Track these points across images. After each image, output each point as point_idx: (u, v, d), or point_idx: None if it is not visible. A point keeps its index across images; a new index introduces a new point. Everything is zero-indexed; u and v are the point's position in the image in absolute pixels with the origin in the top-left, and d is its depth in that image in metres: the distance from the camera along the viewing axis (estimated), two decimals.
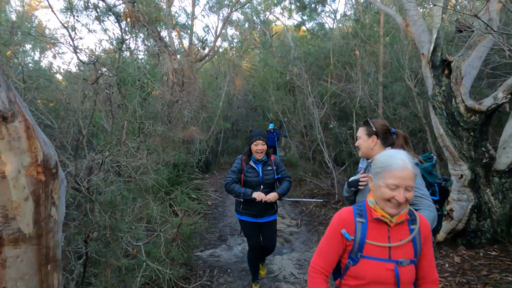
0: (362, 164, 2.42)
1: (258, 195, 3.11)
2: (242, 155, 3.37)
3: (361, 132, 2.14)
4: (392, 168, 1.30)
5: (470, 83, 4.09)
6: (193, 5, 10.96)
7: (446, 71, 4.11)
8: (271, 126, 12.28)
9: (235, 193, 3.19)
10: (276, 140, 12.17)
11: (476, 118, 3.86)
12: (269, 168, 3.33)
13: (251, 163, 3.28)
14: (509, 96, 3.60)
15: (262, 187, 3.26)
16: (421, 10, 7.06)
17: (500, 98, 3.66)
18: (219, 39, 12.48)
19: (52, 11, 3.29)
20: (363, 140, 2.10)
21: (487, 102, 3.76)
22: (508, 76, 3.84)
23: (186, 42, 11.30)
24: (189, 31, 10.77)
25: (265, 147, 3.25)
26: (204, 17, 36.96)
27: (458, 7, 6.82)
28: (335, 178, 6.83)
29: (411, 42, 5.82)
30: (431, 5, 4.47)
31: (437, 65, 4.15)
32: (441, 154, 5.27)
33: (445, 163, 4.92)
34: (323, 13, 12.46)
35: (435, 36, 4.15)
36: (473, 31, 4.06)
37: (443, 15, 4.55)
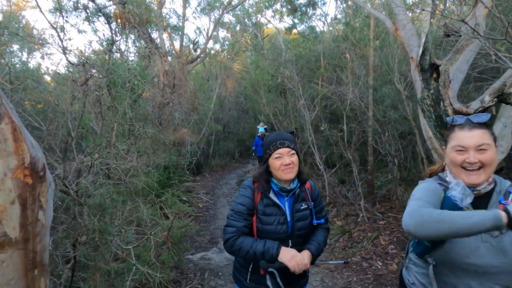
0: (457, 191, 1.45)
1: (295, 263, 1.67)
2: (252, 179, 1.91)
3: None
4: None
5: (458, 86, 4.16)
6: (184, 7, 10.93)
7: (435, 75, 4.18)
8: (261, 130, 9.56)
9: (250, 255, 1.71)
10: None
11: None
12: (304, 205, 1.90)
13: (272, 195, 1.84)
14: (495, 99, 3.67)
15: (290, 243, 1.84)
16: (410, 14, 7.18)
17: (487, 101, 3.72)
18: (211, 41, 12.48)
19: (41, 11, 3.24)
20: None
21: (474, 105, 3.82)
22: (494, 80, 3.92)
23: (177, 44, 11.26)
24: (180, 33, 10.74)
25: (296, 159, 1.86)
26: (195, 19, 36.83)
27: (446, 12, 6.94)
28: (326, 180, 6.87)
29: (400, 46, 5.89)
30: (420, 10, 4.55)
31: (425, 69, 4.21)
32: (430, 156, 5.34)
33: (434, 165, 4.99)
34: (314, 16, 12.56)
35: (423, 40, 4.21)
36: (460, 36, 4.14)
37: (432, 20, 4.63)
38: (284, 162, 1.80)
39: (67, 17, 7.08)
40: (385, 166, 7.30)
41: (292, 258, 1.68)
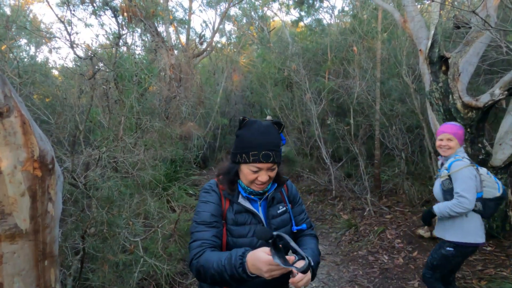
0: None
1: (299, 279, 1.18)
2: (215, 180, 1.57)
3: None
4: None
5: (467, 79, 4.10)
6: (191, 0, 10.88)
7: (444, 68, 4.12)
8: None
9: (214, 278, 1.24)
10: None
11: (473, 114, 3.88)
12: (281, 208, 1.56)
13: (242, 200, 1.49)
14: (506, 92, 3.61)
15: None
16: (419, 6, 7.05)
17: (497, 95, 3.67)
18: (217, 34, 12.44)
19: (48, 5, 3.26)
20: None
21: (484, 99, 3.77)
22: (505, 72, 3.85)
23: (183, 38, 11.24)
24: (186, 26, 10.71)
25: (275, 172, 1.47)
26: (201, 12, 36.62)
27: (456, 3, 6.81)
28: (332, 174, 6.85)
29: (408, 38, 5.81)
30: (429, 1, 4.47)
31: (434, 62, 4.15)
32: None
33: None
34: (321, 8, 12.41)
35: (432, 32, 4.15)
36: (470, 28, 4.06)
37: (441, 11, 4.55)
38: (260, 179, 1.41)
39: (74, 10, 7.10)
40: (392, 160, 7.25)
41: (265, 264, 1.08)
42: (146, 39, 9.05)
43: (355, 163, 7.33)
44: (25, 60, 6.97)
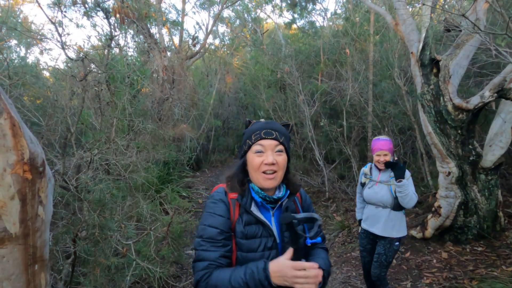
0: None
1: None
2: (224, 188, 1.43)
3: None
4: None
5: (457, 81, 4.16)
6: (183, 2, 10.86)
7: (435, 70, 4.17)
8: None
9: None
10: None
11: (463, 116, 3.93)
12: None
13: (254, 208, 1.36)
14: (495, 94, 3.67)
15: None
16: (410, 9, 7.14)
17: (487, 97, 3.72)
18: (210, 36, 12.42)
19: (39, 5, 3.22)
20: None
21: (474, 101, 3.82)
22: (494, 75, 3.91)
23: (176, 39, 11.21)
24: (179, 28, 10.69)
25: (284, 160, 1.38)
26: (194, 13, 36.67)
27: (446, 6, 6.91)
28: (325, 176, 6.88)
29: (400, 41, 5.88)
30: (420, 4, 4.52)
31: (425, 64, 4.20)
32: (429, 151, 5.35)
33: (433, 160, 5.00)
34: (313, 11, 12.49)
35: (423, 35, 4.20)
36: (460, 31, 4.12)
37: (432, 15, 4.61)
38: (266, 160, 1.32)
39: (65, 11, 7.04)
40: None
41: (290, 268, 1.12)
42: (139, 41, 9.00)
43: (348, 164, 7.37)
44: (16, 61, 6.88)
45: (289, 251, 1.16)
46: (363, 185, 3.03)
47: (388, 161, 2.76)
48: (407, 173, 2.74)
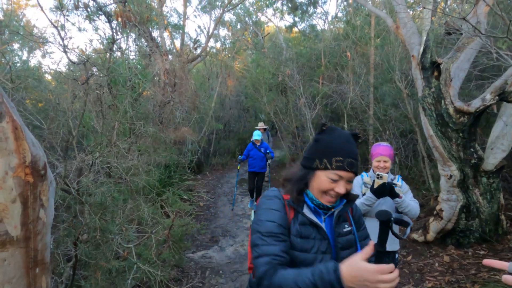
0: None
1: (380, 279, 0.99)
2: (278, 190, 1.43)
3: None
4: None
5: (459, 84, 4.16)
6: (185, 5, 10.91)
7: (436, 73, 4.17)
8: (257, 136, 6.82)
9: None
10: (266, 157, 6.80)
11: (464, 119, 3.92)
12: (347, 227, 1.40)
13: (307, 211, 1.35)
14: (497, 97, 3.67)
15: None
16: (411, 12, 7.16)
17: (488, 100, 3.72)
18: (211, 39, 12.46)
19: (41, 9, 3.24)
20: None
21: (476, 104, 3.82)
22: (495, 78, 3.91)
23: (178, 43, 11.25)
24: (181, 31, 10.73)
25: (350, 186, 1.33)
26: (196, 17, 36.86)
27: (447, 10, 6.92)
28: None
29: (401, 44, 5.88)
30: (421, 8, 4.53)
31: (426, 67, 4.21)
32: (431, 154, 5.34)
33: (435, 163, 4.99)
34: (314, 14, 12.56)
35: (424, 38, 4.21)
36: (461, 34, 4.13)
37: (433, 18, 4.62)
38: (338, 190, 1.27)
39: (68, 15, 7.08)
40: None
41: (374, 273, 0.99)
42: (141, 44, 9.04)
43: None
44: (18, 65, 6.91)
45: (365, 252, 1.04)
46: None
47: (377, 189, 2.49)
48: (405, 186, 2.66)
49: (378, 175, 2.48)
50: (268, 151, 6.86)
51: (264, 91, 10.26)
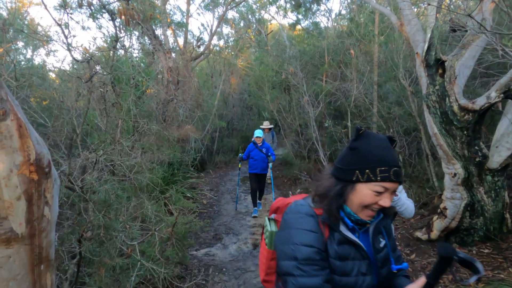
0: None
1: None
2: (307, 203, 1.26)
3: None
4: None
5: (463, 82, 4.12)
6: (188, 3, 10.91)
7: (440, 70, 4.14)
8: (259, 133, 6.54)
9: None
10: (268, 158, 6.48)
11: (469, 117, 3.89)
12: (382, 241, 1.28)
13: (343, 228, 1.19)
14: (502, 95, 3.63)
15: None
16: (415, 9, 7.10)
17: (493, 97, 3.69)
18: (215, 37, 12.45)
19: (46, 8, 3.25)
20: None
21: (480, 101, 3.79)
22: (501, 75, 3.87)
23: (181, 41, 11.26)
24: (184, 29, 10.73)
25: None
26: (199, 15, 36.75)
27: (452, 6, 6.87)
28: None
29: (405, 42, 5.85)
30: (426, 5, 4.50)
31: (431, 64, 4.18)
32: (435, 152, 5.31)
33: (439, 161, 4.96)
34: (318, 12, 12.50)
35: (429, 35, 4.17)
36: (466, 31, 4.09)
37: (437, 15, 4.58)
38: (383, 203, 1.12)
39: (71, 13, 7.10)
40: None
41: None
42: (144, 42, 9.06)
43: None
44: (22, 63, 6.95)
45: (419, 283, 1.01)
46: None
47: None
48: (399, 186, 2.61)
49: None
50: (270, 152, 6.54)
51: (267, 89, 10.25)
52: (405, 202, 2.42)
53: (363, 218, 1.16)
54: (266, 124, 8.80)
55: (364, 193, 1.12)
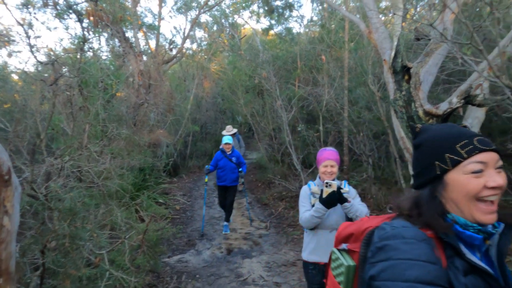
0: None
1: None
2: (410, 224, 0.88)
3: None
4: None
5: (428, 88, 4.32)
6: (160, 6, 10.76)
7: (406, 77, 4.32)
8: (228, 140, 5.83)
9: None
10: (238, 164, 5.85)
11: (433, 121, 4.08)
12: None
13: (464, 248, 0.85)
14: (463, 101, 3.84)
15: None
16: (382, 18, 7.38)
17: (455, 103, 3.89)
18: (187, 40, 12.35)
19: (6, 7, 3.09)
20: None
21: (443, 107, 3.98)
22: (461, 82, 4.09)
23: (152, 43, 11.06)
24: (155, 32, 10.56)
25: (505, 180, 0.87)
26: (171, 18, 36.39)
27: (416, 16, 7.20)
28: (303, 180, 6.95)
29: (373, 48, 6.05)
30: (392, 14, 4.69)
31: (397, 71, 4.35)
32: (402, 155, 5.52)
33: (406, 164, 5.16)
34: (290, 18, 12.69)
35: (395, 43, 4.34)
36: (430, 40, 4.30)
37: (403, 24, 4.79)
38: (490, 182, 0.84)
39: (35, 13, 6.80)
40: (360, 166, 7.48)
41: None
42: (113, 44, 8.82)
43: None
44: None
45: None
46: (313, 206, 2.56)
47: (326, 199, 2.34)
48: (353, 191, 2.59)
49: (326, 183, 2.34)
50: (240, 162, 5.84)
51: (241, 93, 10.27)
52: (358, 208, 2.42)
53: (483, 221, 0.85)
54: (228, 129, 8.07)
55: (461, 181, 0.86)
